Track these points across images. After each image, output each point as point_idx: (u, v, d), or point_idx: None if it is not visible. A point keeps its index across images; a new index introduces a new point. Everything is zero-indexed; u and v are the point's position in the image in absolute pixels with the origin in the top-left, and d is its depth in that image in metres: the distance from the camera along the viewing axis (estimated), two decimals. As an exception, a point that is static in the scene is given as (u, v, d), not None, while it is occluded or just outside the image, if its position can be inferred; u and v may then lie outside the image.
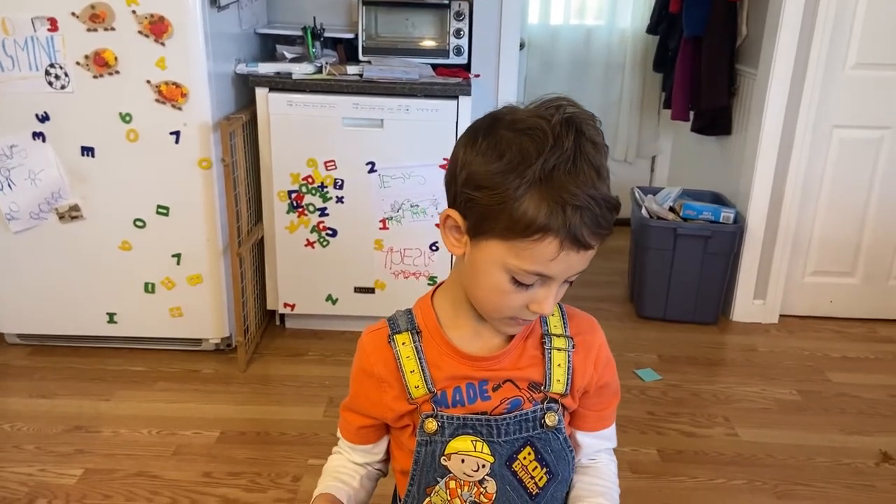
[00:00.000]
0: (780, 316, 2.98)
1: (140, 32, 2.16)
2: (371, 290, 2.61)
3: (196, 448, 2.07)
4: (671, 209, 2.93)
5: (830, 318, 2.99)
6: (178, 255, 2.40)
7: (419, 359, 0.86)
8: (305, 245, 2.56)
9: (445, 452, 0.86)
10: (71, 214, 2.34)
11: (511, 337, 0.88)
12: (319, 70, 2.50)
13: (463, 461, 0.86)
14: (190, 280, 2.42)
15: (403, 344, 0.87)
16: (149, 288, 2.43)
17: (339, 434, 0.99)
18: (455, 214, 0.80)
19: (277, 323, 2.79)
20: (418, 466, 0.88)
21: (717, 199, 3.01)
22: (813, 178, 2.83)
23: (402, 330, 0.88)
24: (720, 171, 3.16)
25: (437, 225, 0.82)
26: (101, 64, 2.18)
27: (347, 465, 0.97)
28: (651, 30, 3.53)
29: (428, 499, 0.88)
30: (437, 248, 2.54)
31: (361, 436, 0.95)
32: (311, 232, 2.55)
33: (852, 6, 2.62)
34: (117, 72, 2.19)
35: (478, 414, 0.85)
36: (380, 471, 1.00)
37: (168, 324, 2.49)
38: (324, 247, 2.56)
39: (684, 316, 2.90)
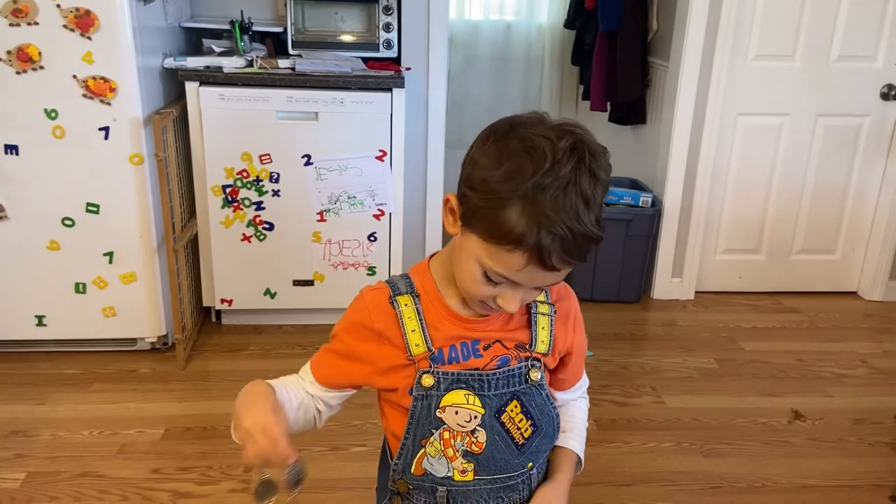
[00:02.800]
0: (696, 292, 3.18)
1: (65, 27, 2.10)
2: (310, 283, 2.63)
3: (141, 446, 2.05)
4: (594, 195, 3.07)
5: (740, 292, 3.22)
6: (110, 254, 2.35)
7: (420, 319, 0.93)
8: (242, 239, 2.56)
9: (440, 405, 0.93)
10: (-6, 215, 2.26)
11: None
12: (250, 64, 2.50)
13: (456, 413, 0.93)
14: (123, 279, 2.38)
15: (406, 305, 0.93)
16: (80, 288, 2.37)
17: (306, 367, 1.01)
18: (454, 201, 0.86)
19: (213, 319, 2.77)
20: (414, 420, 0.94)
21: (636, 185, 3.18)
22: (721, 162, 3.04)
23: (402, 292, 0.94)
24: (637, 158, 3.34)
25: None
26: (24, 59, 2.11)
27: (297, 388, 0.99)
28: (568, 25, 3.68)
29: (423, 450, 0.95)
30: (376, 239, 2.60)
31: (331, 382, 1.00)
32: (248, 226, 2.54)
33: (752, 1, 2.82)
34: (42, 67, 2.13)
35: (470, 370, 0.94)
36: (319, 413, 1.01)
37: (101, 324, 2.43)
38: (261, 241, 2.57)
39: (610, 296, 3.06)
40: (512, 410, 0.94)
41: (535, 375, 0.95)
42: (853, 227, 3.17)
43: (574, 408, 1.09)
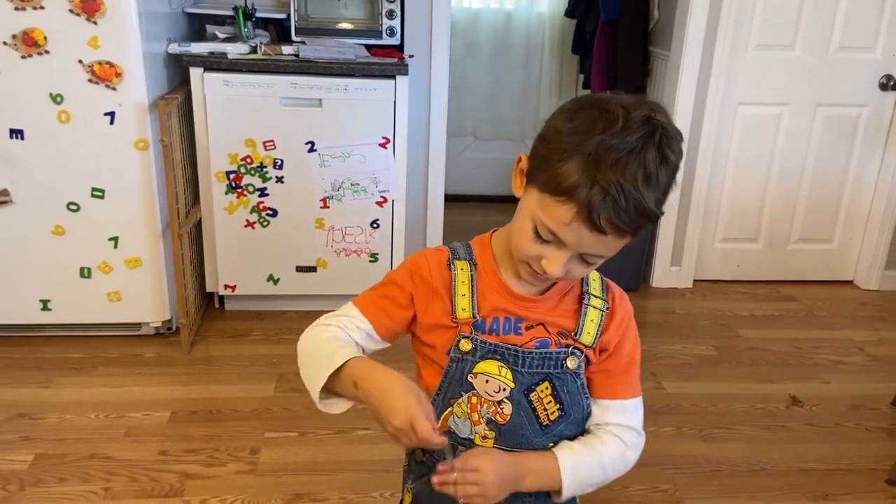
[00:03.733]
0: (694, 280, 3.21)
1: (71, 11, 2.11)
2: (313, 269, 2.65)
3: (148, 428, 2.07)
4: (594, 184, 3.09)
5: (738, 281, 3.25)
6: (115, 239, 2.36)
7: (472, 286, 0.97)
8: (245, 226, 2.57)
9: (473, 371, 0.96)
10: (0, 199, 2.26)
11: (549, 287, 0.97)
12: (254, 50, 2.50)
13: (487, 381, 0.96)
14: (128, 263, 2.39)
15: (462, 270, 0.98)
16: (84, 273, 2.39)
17: (349, 311, 0.99)
18: (525, 159, 0.90)
19: (217, 305, 2.79)
20: (447, 379, 0.97)
21: (636, 174, 3.19)
22: (721, 152, 3.06)
23: (461, 258, 0.99)
24: (637, 147, 3.35)
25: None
26: (29, 44, 2.12)
27: (349, 339, 0.97)
28: (569, 13, 3.68)
29: (450, 409, 0.98)
30: (378, 226, 2.61)
31: (389, 330, 0.99)
32: (251, 212, 2.56)
33: (753, -8, 2.84)
34: (47, 51, 2.14)
35: (508, 344, 0.96)
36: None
37: (105, 309, 2.45)
38: (264, 227, 2.58)
39: (609, 284, 3.08)
40: (542, 391, 0.97)
41: (572, 363, 0.97)
42: (850, 217, 3.20)
43: (597, 439, 0.98)
